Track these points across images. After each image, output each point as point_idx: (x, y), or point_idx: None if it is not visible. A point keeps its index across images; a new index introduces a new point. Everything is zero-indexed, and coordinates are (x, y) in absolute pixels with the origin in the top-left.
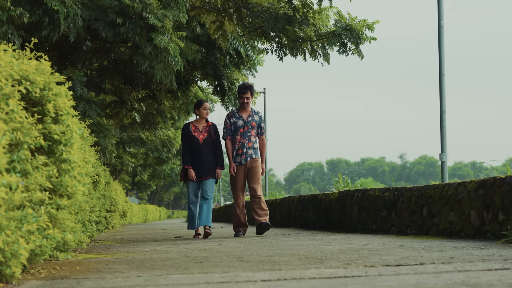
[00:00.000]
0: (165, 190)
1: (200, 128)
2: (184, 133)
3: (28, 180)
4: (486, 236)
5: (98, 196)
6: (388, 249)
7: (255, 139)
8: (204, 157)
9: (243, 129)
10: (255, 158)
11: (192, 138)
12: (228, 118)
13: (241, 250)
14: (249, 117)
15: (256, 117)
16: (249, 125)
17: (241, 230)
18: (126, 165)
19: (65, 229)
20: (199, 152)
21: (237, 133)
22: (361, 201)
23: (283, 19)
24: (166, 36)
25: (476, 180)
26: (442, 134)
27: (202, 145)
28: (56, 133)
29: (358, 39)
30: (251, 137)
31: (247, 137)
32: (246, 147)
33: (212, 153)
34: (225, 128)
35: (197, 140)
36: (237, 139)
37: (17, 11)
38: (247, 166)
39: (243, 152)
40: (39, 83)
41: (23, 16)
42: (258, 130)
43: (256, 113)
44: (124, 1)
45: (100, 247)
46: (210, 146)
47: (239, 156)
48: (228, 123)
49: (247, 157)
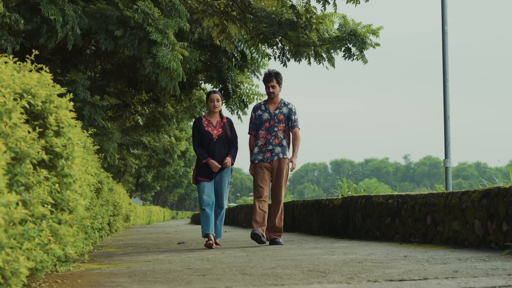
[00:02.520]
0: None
1: (214, 123)
2: (196, 127)
3: (30, 194)
4: (490, 246)
5: (101, 203)
6: (392, 260)
7: (284, 135)
8: (218, 154)
9: (269, 123)
10: (283, 159)
11: (205, 133)
12: (254, 111)
13: (244, 261)
14: (276, 109)
15: (285, 109)
16: (276, 118)
17: (260, 230)
18: (130, 166)
19: (66, 244)
20: (212, 149)
21: (262, 127)
22: (365, 207)
23: (286, 25)
24: (168, 48)
25: (480, 190)
26: (446, 139)
27: (217, 142)
28: (57, 146)
29: (363, 45)
30: (278, 132)
31: (273, 133)
32: (273, 144)
33: (227, 151)
34: (250, 122)
35: (211, 135)
36: (261, 134)
37: (12, 17)
38: (272, 166)
39: (268, 150)
40: (41, 96)
41: (18, 23)
42: (289, 123)
43: (286, 105)
44: (125, 12)
45: (103, 255)
46: (226, 144)
47: (262, 153)
48: (253, 116)
49: (274, 155)
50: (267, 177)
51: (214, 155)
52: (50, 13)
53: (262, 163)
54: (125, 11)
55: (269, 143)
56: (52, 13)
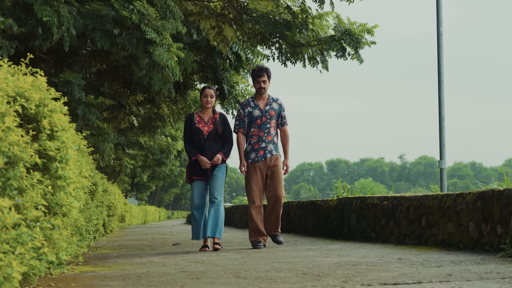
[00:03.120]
0: (164, 191)
1: (206, 119)
2: (187, 124)
3: (24, 198)
4: (485, 248)
5: (96, 204)
6: (386, 263)
7: (275, 132)
8: (209, 152)
9: (261, 120)
10: (276, 155)
11: (196, 130)
12: (242, 108)
13: (238, 263)
14: (266, 105)
15: (275, 105)
16: (267, 115)
17: (261, 241)
18: (125, 166)
19: (59, 249)
20: (203, 146)
21: (253, 125)
22: (360, 209)
23: (282, 24)
24: (164, 48)
25: (474, 192)
26: (441, 141)
27: (207, 138)
28: (51, 149)
29: (358, 44)
30: (270, 129)
31: (265, 130)
32: (265, 142)
33: (219, 148)
34: (238, 119)
35: (201, 132)
36: (253, 132)
37: (6, 23)
38: (267, 164)
39: (261, 147)
40: (35, 100)
41: (12, 28)
42: (279, 120)
43: (275, 100)
44: (121, 12)
45: (97, 256)
46: (218, 140)
47: (255, 152)
48: (242, 114)
49: (267, 153)
50: (260, 178)
51: (204, 152)
52: (44, 14)
53: (255, 163)
54: (122, 11)
55: (262, 141)
56: (47, 15)
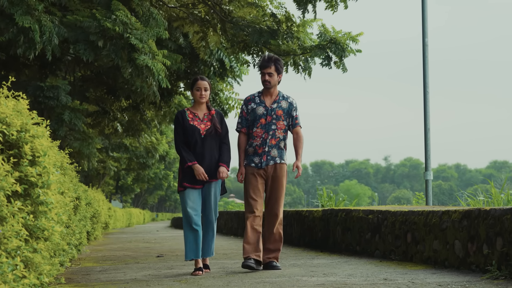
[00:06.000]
0: (149, 193)
1: (201, 116)
2: (179, 121)
3: (4, 227)
4: (471, 268)
5: (79, 218)
6: (372, 285)
7: (283, 136)
8: (207, 154)
9: (265, 119)
10: (281, 164)
11: (190, 128)
12: (245, 105)
13: (223, 283)
14: (274, 103)
15: (284, 104)
16: (273, 114)
17: (253, 259)
18: (109, 169)
19: (41, 272)
20: (200, 146)
21: (256, 124)
22: (345, 221)
23: (268, 33)
24: (148, 56)
25: (460, 210)
26: (426, 152)
27: (206, 139)
28: (32, 175)
29: (343, 52)
30: (276, 131)
31: (270, 132)
32: (269, 146)
33: (218, 149)
34: (241, 117)
35: (198, 130)
36: (255, 132)
37: None
38: (268, 173)
39: (264, 152)
40: (16, 125)
41: None
42: (289, 121)
43: (285, 98)
44: (104, 23)
45: (80, 271)
46: (216, 141)
47: (257, 156)
48: (244, 110)
49: (269, 160)
50: (261, 186)
51: (203, 157)
52: (26, 22)
53: (256, 169)
54: (105, 22)
55: (265, 144)
56: (28, 22)
